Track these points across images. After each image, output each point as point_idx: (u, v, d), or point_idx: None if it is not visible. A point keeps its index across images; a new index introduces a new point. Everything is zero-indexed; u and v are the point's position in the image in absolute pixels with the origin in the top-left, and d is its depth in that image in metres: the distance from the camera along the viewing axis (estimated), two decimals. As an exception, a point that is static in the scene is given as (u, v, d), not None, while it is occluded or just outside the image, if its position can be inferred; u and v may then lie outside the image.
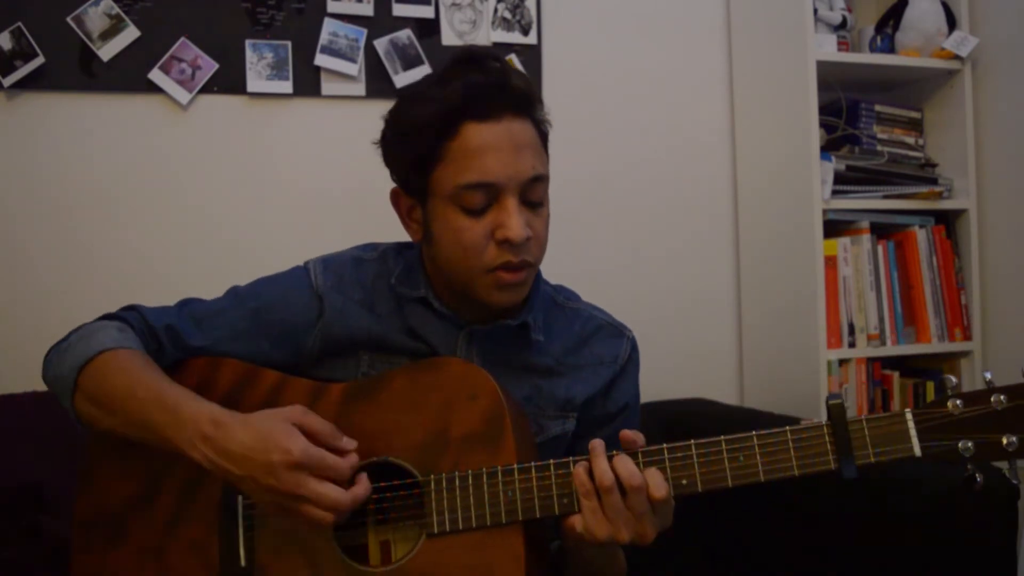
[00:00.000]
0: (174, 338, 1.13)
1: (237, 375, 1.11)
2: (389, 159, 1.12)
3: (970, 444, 0.90)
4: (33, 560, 1.40)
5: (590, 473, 0.95)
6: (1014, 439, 0.89)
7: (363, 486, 0.96)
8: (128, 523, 1.08)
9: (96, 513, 1.10)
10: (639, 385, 1.25)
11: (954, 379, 0.93)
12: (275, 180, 1.91)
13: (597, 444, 0.96)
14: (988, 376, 0.92)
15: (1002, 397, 0.90)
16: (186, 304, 1.17)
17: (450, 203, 1.04)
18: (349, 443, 0.97)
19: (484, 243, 1.04)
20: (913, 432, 0.91)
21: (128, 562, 1.07)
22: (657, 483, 0.93)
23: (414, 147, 1.05)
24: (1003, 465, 0.91)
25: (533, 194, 1.06)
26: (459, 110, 1.02)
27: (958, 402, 0.91)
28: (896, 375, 1.99)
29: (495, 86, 1.03)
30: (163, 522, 1.06)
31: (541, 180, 1.06)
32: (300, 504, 0.93)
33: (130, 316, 1.14)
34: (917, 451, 0.91)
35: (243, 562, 1.03)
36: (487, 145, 1.02)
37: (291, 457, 0.91)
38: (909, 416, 0.91)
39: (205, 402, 0.99)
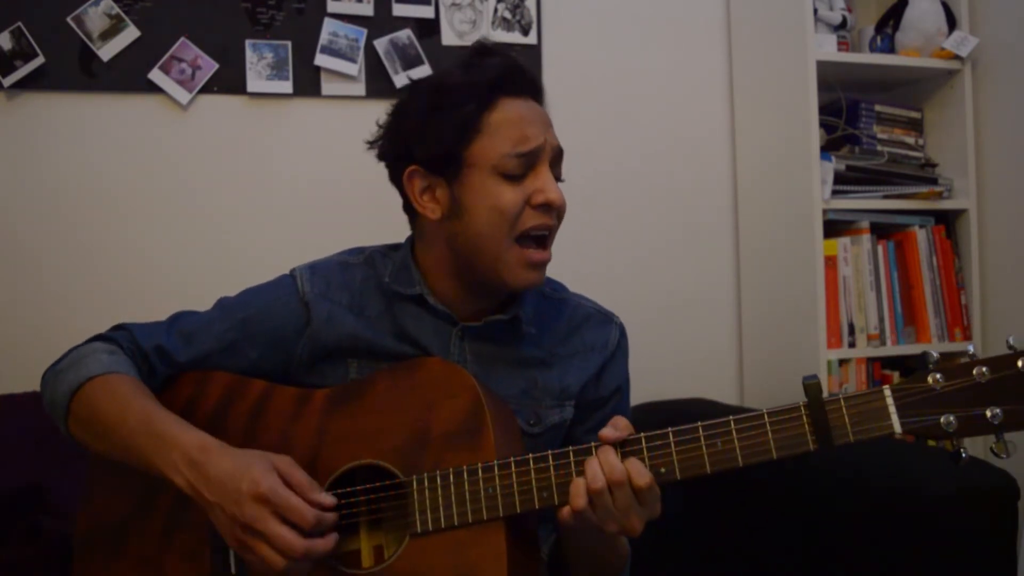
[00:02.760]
0: (164, 358, 1.14)
1: (226, 386, 1.12)
2: (412, 140, 1.11)
3: (952, 419, 0.87)
4: (33, 560, 1.40)
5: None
6: (998, 411, 0.86)
7: (326, 541, 0.94)
8: (126, 535, 1.09)
9: (96, 527, 1.11)
10: (629, 369, 1.27)
11: (935, 354, 0.90)
12: (275, 180, 1.91)
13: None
14: (971, 349, 0.90)
15: (984, 369, 0.87)
16: (176, 320, 1.18)
17: (490, 173, 1.07)
18: (326, 497, 0.95)
19: (520, 208, 1.07)
20: (892, 409, 0.89)
21: (126, 573, 1.08)
22: (639, 471, 0.92)
23: (452, 119, 1.07)
24: (988, 440, 0.88)
25: (558, 168, 1.12)
26: (495, 85, 1.08)
27: (938, 376, 0.88)
28: (896, 375, 1.98)
29: (520, 69, 1.11)
30: (158, 533, 1.07)
31: (562, 156, 1.13)
32: (256, 540, 0.92)
33: (120, 337, 1.14)
34: (897, 428, 0.88)
35: (234, 570, 1.03)
36: (524, 117, 1.08)
37: (258, 488, 0.91)
38: (888, 392, 0.89)
39: (196, 430, 0.99)
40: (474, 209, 1.08)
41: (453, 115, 1.07)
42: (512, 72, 1.10)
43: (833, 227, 1.97)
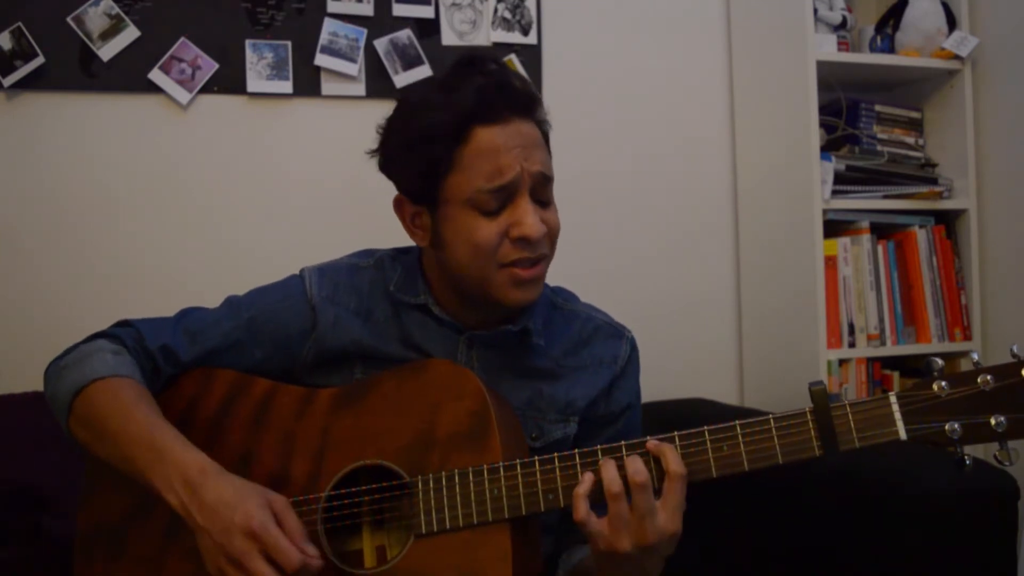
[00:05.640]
0: (169, 357, 1.13)
1: (230, 384, 1.12)
2: (393, 169, 1.11)
3: (957, 426, 0.87)
4: (33, 560, 1.40)
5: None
6: (1003, 419, 0.86)
7: None
8: (127, 535, 1.09)
9: (96, 527, 1.11)
10: (640, 385, 1.25)
11: (940, 361, 0.90)
12: (275, 180, 1.91)
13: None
14: (975, 357, 0.90)
15: (989, 377, 0.87)
16: (183, 317, 1.17)
17: (465, 207, 1.04)
18: (312, 549, 0.93)
19: (498, 241, 1.04)
20: (898, 415, 0.89)
21: (127, 573, 1.07)
22: (636, 468, 0.91)
23: (424, 157, 1.05)
24: (992, 448, 0.88)
25: (543, 194, 1.07)
26: (468, 116, 1.02)
27: (944, 384, 0.88)
28: (896, 375, 1.98)
29: (499, 89, 1.04)
30: (161, 532, 1.07)
31: (550, 180, 1.08)
32: (238, 574, 0.90)
33: (125, 335, 1.13)
34: (903, 434, 0.89)
35: None
36: (499, 147, 1.02)
37: (250, 524, 0.90)
38: (893, 399, 0.90)
39: (197, 451, 0.98)
40: (453, 242, 1.07)
41: (425, 154, 1.04)
42: (488, 97, 1.03)
43: (833, 227, 1.97)
